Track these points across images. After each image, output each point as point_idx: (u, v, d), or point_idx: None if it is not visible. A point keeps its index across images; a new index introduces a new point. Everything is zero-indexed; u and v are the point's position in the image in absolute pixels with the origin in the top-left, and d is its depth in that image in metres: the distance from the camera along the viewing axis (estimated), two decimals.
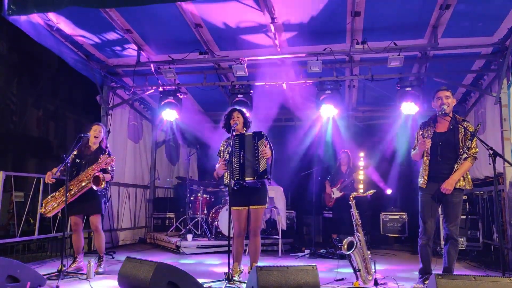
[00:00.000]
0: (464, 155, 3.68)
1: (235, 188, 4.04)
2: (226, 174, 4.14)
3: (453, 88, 6.41)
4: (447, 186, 3.68)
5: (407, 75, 6.06)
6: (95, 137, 4.66)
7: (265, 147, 4.05)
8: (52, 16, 5.26)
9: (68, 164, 4.33)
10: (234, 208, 4.09)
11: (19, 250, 5.88)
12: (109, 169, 4.66)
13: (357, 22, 5.21)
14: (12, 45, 17.03)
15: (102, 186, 4.48)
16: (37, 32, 5.28)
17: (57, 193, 4.53)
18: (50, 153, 19.12)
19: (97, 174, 4.46)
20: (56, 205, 4.48)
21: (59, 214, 4.71)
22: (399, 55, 5.45)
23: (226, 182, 4.12)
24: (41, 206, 4.56)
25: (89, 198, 4.52)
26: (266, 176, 4.02)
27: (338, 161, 7.24)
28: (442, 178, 3.75)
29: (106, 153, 4.66)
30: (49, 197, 4.55)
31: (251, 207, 4.11)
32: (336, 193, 6.93)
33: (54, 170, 4.46)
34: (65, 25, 5.49)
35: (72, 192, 4.44)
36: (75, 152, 4.61)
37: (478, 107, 6.54)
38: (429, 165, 3.83)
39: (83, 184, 4.45)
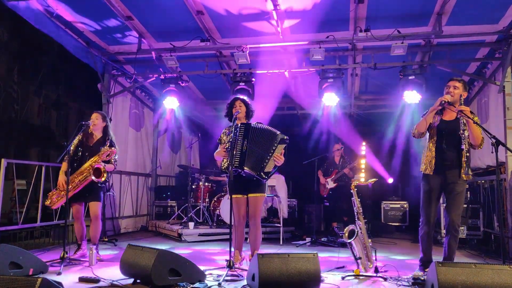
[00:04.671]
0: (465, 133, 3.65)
1: (233, 175, 4.04)
2: (225, 160, 4.15)
3: (457, 76, 6.37)
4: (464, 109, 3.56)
5: (410, 64, 6.01)
6: (93, 125, 4.66)
7: (281, 154, 4.08)
8: (52, 2, 5.20)
9: (70, 152, 4.35)
10: (234, 195, 4.10)
11: (22, 237, 5.92)
12: (112, 160, 4.67)
13: (360, 10, 5.14)
14: (13, 33, 16.93)
15: (103, 178, 4.47)
16: (37, 19, 5.24)
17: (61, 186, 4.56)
18: (52, 141, 19.17)
19: (97, 166, 4.46)
20: (60, 197, 4.52)
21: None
22: (402, 43, 5.39)
23: (223, 168, 4.15)
24: (47, 198, 4.60)
25: (90, 186, 4.54)
26: (265, 177, 4.07)
27: (332, 152, 7.29)
28: (447, 166, 3.72)
29: (107, 144, 4.65)
30: (54, 189, 4.59)
31: (249, 195, 4.13)
32: (330, 184, 6.98)
33: (64, 165, 4.50)
34: (64, 12, 5.43)
35: (74, 184, 4.47)
36: (78, 138, 4.62)
37: (481, 96, 6.49)
38: (435, 152, 3.78)
39: (84, 175, 4.47)
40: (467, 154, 3.64)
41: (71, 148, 4.61)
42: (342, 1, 5.02)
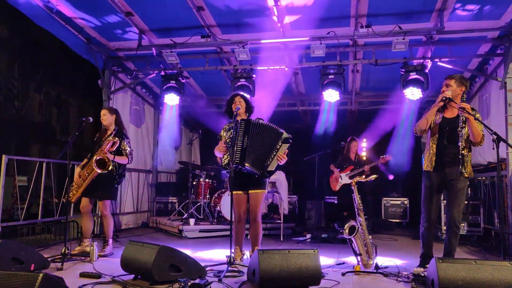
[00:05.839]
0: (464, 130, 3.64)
1: (234, 171, 4.04)
2: (225, 156, 4.14)
3: (458, 73, 6.35)
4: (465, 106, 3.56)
5: (412, 60, 5.99)
6: (102, 120, 4.75)
7: (284, 153, 4.08)
8: None
9: (69, 148, 4.39)
10: (234, 192, 4.11)
11: (24, 233, 5.94)
12: (128, 151, 4.69)
13: (361, 5, 5.12)
14: (13, 29, 16.91)
15: (109, 168, 4.42)
16: (37, 15, 5.22)
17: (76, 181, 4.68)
18: (52, 137, 19.19)
19: (99, 157, 4.46)
20: (76, 191, 4.60)
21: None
22: (403, 39, 5.37)
23: (224, 164, 4.14)
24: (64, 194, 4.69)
25: (99, 183, 4.58)
26: (268, 176, 4.08)
27: (346, 147, 7.11)
28: (447, 163, 3.71)
29: (112, 135, 4.67)
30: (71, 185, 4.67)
31: (250, 191, 4.13)
32: (345, 179, 6.85)
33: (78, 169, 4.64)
34: (65, 7, 5.41)
35: (84, 177, 4.53)
36: (96, 136, 4.75)
37: (483, 92, 6.48)
38: (436, 149, 3.78)
39: (91, 169, 4.50)
40: (463, 152, 3.63)
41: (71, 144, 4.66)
42: None
